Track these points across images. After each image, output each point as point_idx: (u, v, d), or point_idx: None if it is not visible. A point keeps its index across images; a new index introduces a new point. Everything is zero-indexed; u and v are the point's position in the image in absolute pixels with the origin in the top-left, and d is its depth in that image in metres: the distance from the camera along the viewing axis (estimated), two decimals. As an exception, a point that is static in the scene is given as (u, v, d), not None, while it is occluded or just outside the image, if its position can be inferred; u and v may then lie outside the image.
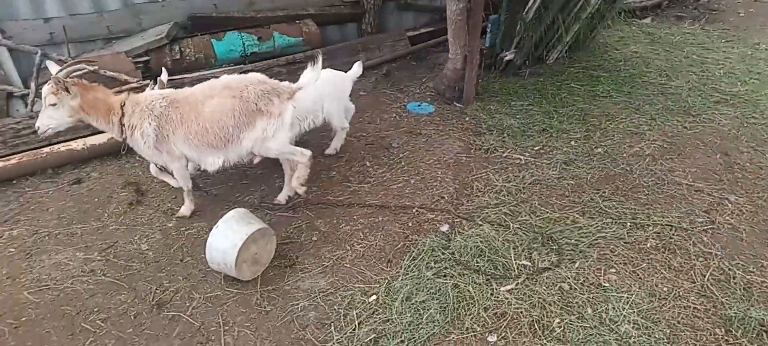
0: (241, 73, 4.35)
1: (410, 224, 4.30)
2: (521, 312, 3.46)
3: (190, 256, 4.16)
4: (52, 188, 4.97)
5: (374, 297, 3.65)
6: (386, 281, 3.77)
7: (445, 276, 3.70)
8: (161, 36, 6.04)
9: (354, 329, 3.43)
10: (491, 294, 3.58)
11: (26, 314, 3.71)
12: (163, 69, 4.77)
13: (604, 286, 3.63)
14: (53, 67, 4.13)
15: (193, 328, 3.57)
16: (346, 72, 5.02)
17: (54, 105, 3.96)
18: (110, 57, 5.78)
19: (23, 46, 5.71)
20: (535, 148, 5.19)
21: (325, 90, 4.76)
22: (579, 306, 3.49)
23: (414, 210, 4.44)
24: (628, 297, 3.53)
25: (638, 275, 3.73)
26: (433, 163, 5.05)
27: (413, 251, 3.99)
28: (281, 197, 4.67)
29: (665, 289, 3.62)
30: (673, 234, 4.07)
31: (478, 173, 4.86)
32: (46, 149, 5.15)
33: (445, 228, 4.16)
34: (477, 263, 3.77)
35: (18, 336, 3.56)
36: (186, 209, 4.57)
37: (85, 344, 3.49)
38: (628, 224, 4.17)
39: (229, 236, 3.72)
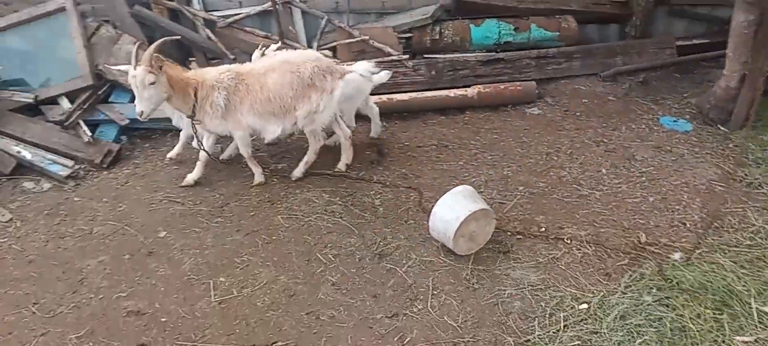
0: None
1: (638, 243, 4.05)
2: (756, 371, 3.07)
3: (413, 220, 4.47)
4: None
5: (585, 306, 3.55)
6: (601, 293, 3.63)
7: (667, 306, 3.43)
8: (426, 16, 6.43)
9: (558, 331, 3.39)
10: (721, 340, 3.21)
11: (276, 235, 4.39)
12: (269, 45, 5.30)
13: None
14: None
15: (405, 283, 3.88)
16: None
17: (153, 83, 4.38)
18: (380, 30, 6.38)
19: (314, 11, 6.58)
20: (814, 195, 4.44)
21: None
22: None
23: (646, 229, 4.17)
24: None
25: None
26: (680, 186, 4.64)
27: (637, 272, 3.76)
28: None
29: None
30: None
31: (733, 207, 4.34)
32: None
33: (677, 256, 3.83)
34: (707, 300, 3.41)
35: (267, 250, 4.24)
36: (259, 177, 4.97)
37: (316, 271, 4.02)
38: None
39: (455, 209, 3.92)
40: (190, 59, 6.48)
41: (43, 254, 4.28)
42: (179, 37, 5.87)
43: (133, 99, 5.64)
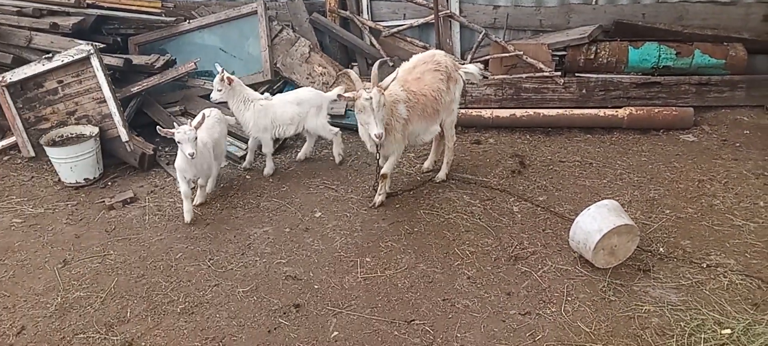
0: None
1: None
2: None
3: (551, 230, 4.59)
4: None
5: (728, 331, 3.46)
6: (747, 321, 3.51)
7: (821, 342, 3.25)
8: (584, 36, 6.48)
9: (697, 351, 3.35)
10: None
11: (418, 227, 4.73)
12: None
13: None
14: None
15: (539, 287, 4.01)
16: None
17: (384, 104, 4.38)
18: (534, 46, 6.54)
19: (472, 25, 6.91)
20: None
21: (305, 109, 5.46)
22: None
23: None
24: None
25: None
26: None
27: (790, 305, 3.59)
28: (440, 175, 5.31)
29: None
30: None
31: None
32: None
33: (841, 296, 3.58)
34: None
35: (409, 239, 4.59)
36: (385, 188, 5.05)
37: (453, 265, 4.28)
38: None
39: (598, 220, 3.98)
40: (353, 63, 7.08)
41: (218, 219, 4.97)
42: (347, 42, 6.49)
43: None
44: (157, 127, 4.73)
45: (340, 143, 5.73)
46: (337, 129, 5.68)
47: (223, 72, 5.30)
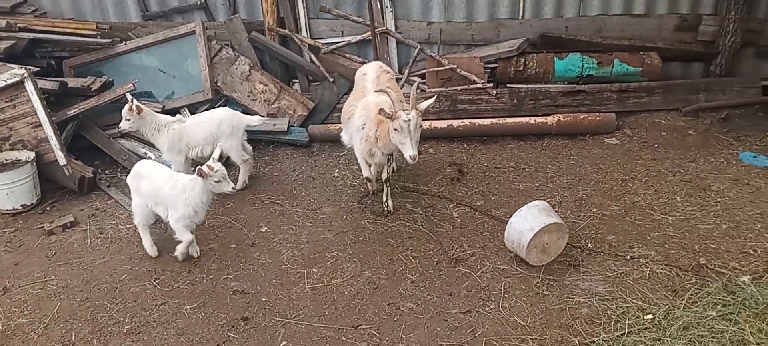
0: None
1: (708, 265, 4.21)
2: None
3: (489, 232, 4.83)
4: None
5: (650, 316, 3.76)
6: (667, 306, 3.83)
7: (729, 321, 3.58)
8: (513, 49, 6.83)
9: (622, 335, 3.63)
10: (781, 354, 3.35)
11: (363, 236, 4.88)
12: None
13: None
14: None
15: (479, 286, 4.23)
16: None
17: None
18: (467, 60, 6.83)
19: (408, 41, 7.15)
20: None
21: (220, 129, 5.36)
22: None
23: (716, 253, 4.33)
24: None
25: None
26: (754, 216, 4.73)
27: (703, 290, 3.93)
28: None
29: None
30: None
31: (806, 239, 4.40)
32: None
33: (745, 278, 3.94)
34: (771, 319, 3.55)
35: (355, 248, 4.73)
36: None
37: (397, 270, 4.45)
38: None
39: (529, 220, 4.24)
40: (294, 80, 7.19)
41: (163, 239, 4.95)
42: (287, 60, 6.60)
43: (244, 112, 6.37)
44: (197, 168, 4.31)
45: (247, 171, 5.70)
46: (248, 157, 5.67)
47: (132, 101, 5.18)
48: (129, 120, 5.22)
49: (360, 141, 4.87)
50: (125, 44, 6.71)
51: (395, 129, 4.35)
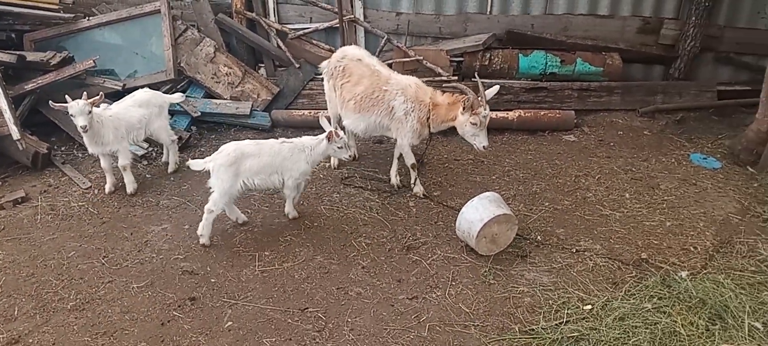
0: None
1: (649, 259, 4.32)
2: (738, 377, 3.29)
3: (443, 222, 4.89)
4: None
5: (589, 307, 3.85)
6: (606, 298, 3.92)
7: (664, 313, 3.69)
8: (479, 43, 6.89)
9: (560, 324, 3.71)
10: (710, 344, 3.46)
11: (318, 222, 4.90)
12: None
13: None
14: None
15: (428, 273, 4.28)
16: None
17: None
18: (433, 52, 6.88)
19: (376, 30, 7.17)
20: (832, 238, 4.58)
21: (150, 110, 5.33)
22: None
23: (658, 249, 4.45)
24: None
25: None
26: (698, 215, 4.87)
27: (642, 283, 4.03)
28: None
29: None
30: None
31: (745, 238, 4.55)
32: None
33: (683, 274, 4.06)
34: (703, 313, 3.65)
35: (309, 233, 4.75)
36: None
37: (349, 256, 4.48)
38: None
39: (480, 211, 4.31)
40: (260, 65, 7.16)
41: (115, 217, 4.93)
42: (253, 43, 6.56)
43: (207, 95, 6.33)
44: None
45: (176, 152, 5.67)
46: (175, 136, 5.65)
47: (85, 96, 4.83)
48: (89, 114, 4.81)
49: (411, 125, 4.98)
50: (88, 20, 6.61)
51: (473, 123, 4.67)
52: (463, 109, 4.68)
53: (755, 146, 5.55)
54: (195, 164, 4.60)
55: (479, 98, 4.64)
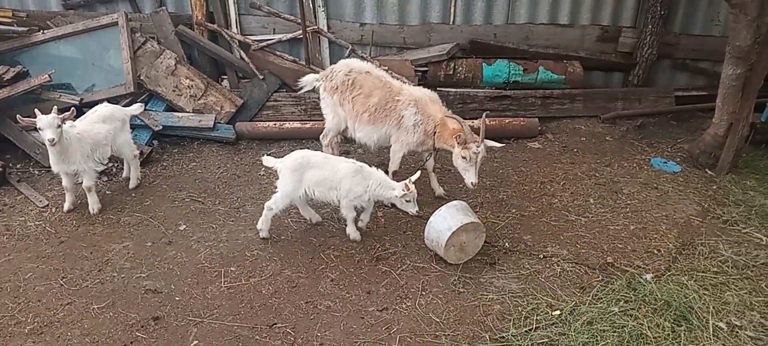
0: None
1: (615, 263, 4.38)
2: (704, 376, 3.35)
3: (411, 232, 4.87)
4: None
5: (558, 312, 3.87)
6: (574, 303, 3.95)
7: (630, 316, 3.74)
8: (443, 53, 6.95)
9: (530, 330, 3.72)
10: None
11: (285, 235, 4.83)
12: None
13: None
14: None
15: (397, 284, 4.25)
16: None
17: None
18: (398, 62, 6.90)
19: (340, 41, 7.15)
20: (787, 236, 4.73)
21: (113, 125, 5.20)
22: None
23: (623, 253, 4.51)
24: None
25: None
26: (660, 218, 4.97)
27: (608, 287, 4.08)
28: None
29: None
30: None
31: (706, 239, 4.66)
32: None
33: (648, 276, 4.14)
34: (669, 314, 3.71)
35: (276, 247, 4.67)
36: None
37: (318, 269, 4.42)
38: None
39: (448, 219, 4.30)
40: (222, 77, 7.06)
41: (74, 236, 4.76)
42: (216, 55, 6.46)
43: (168, 108, 6.20)
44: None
45: (138, 167, 5.55)
46: (138, 151, 5.54)
47: (55, 110, 4.73)
48: (58, 128, 4.63)
49: (416, 136, 5.09)
50: (43, 33, 6.41)
51: (463, 157, 4.65)
52: (458, 141, 4.70)
53: (713, 149, 5.72)
54: (268, 161, 4.68)
55: (472, 135, 4.68)
